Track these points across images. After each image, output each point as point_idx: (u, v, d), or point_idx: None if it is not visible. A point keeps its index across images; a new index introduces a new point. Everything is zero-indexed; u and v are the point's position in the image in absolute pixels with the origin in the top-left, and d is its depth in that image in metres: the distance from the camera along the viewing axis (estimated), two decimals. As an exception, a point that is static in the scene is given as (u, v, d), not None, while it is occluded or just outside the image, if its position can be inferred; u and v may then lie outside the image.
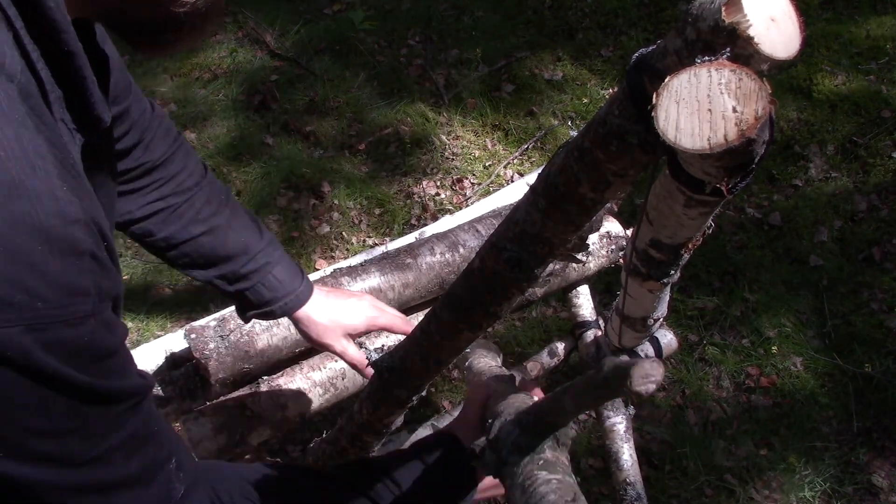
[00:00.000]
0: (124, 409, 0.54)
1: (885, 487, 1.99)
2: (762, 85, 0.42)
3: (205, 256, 1.01)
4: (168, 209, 0.97)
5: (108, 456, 0.53)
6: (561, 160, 0.61)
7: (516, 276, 0.71)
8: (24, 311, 0.45)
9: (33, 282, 0.45)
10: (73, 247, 0.48)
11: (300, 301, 1.06)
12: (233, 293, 1.05)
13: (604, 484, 1.98)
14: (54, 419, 0.48)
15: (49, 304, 0.46)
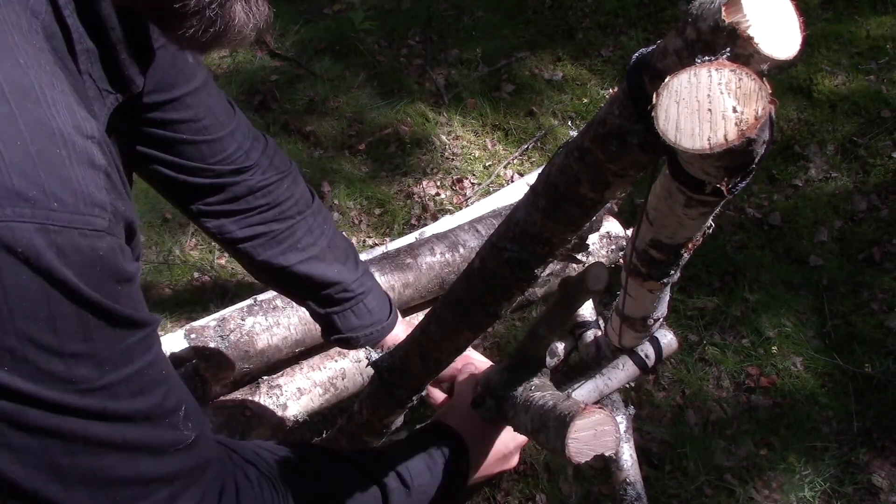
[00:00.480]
0: (134, 342, 0.52)
1: (885, 487, 1.99)
2: (762, 85, 0.42)
3: (300, 283, 1.03)
4: (267, 234, 0.99)
5: (114, 388, 0.51)
6: (561, 160, 0.61)
7: (516, 277, 0.71)
8: (38, 209, 0.43)
9: (50, 181, 0.43)
10: (91, 160, 0.47)
11: (384, 332, 1.09)
12: (323, 316, 1.07)
13: (604, 484, 1.98)
14: (62, 337, 0.46)
15: (65, 208, 0.44)
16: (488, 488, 2.00)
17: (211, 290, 2.46)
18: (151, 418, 0.54)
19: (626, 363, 1.51)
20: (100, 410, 0.50)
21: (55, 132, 0.45)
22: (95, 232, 0.46)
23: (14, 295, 0.43)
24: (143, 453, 0.53)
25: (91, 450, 0.50)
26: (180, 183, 0.92)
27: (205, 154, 0.92)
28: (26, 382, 0.45)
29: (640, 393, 2.19)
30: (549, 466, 2.03)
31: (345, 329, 1.07)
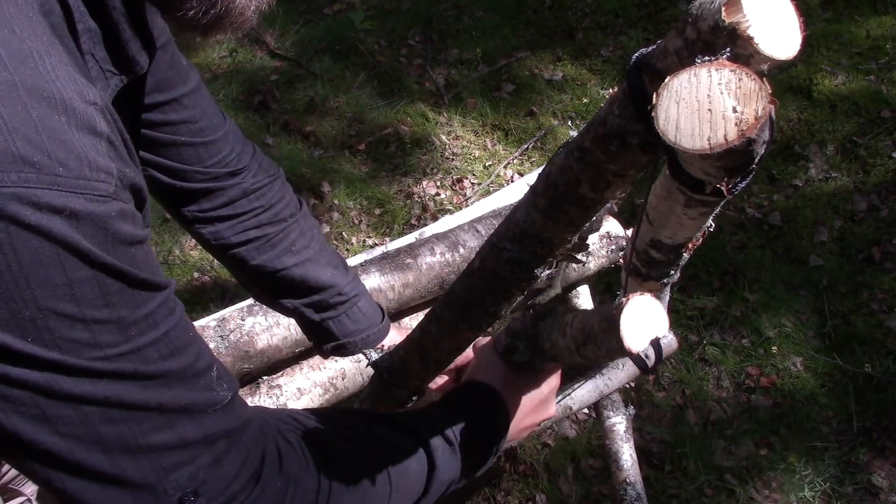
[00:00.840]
0: (156, 305, 0.51)
1: (885, 487, 1.99)
2: (762, 85, 0.42)
3: (295, 287, 1.03)
4: (262, 238, 1.00)
5: (143, 351, 0.50)
6: (561, 160, 0.61)
7: (516, 277, 0.71)
8: (44, 174, 0.42)
9: (53, 146, 0.43)
10: (92, 126, 0.46)
11: (381, 335, 1.09)
12: (318, 322, 1.06)
13: (604, 484, 1.98)
14: (82, 304, 0.45)
15: (70, 172, 0.43)
16: (488, 488, 2.00)
17: (211, 290, 2.46)
18: (185, 379, 0.53)
19: (626, 363, 1.51)
20: (132, 373, 0.49)
21: (55, 98, 0.44)
22: (101, 197, 0.46)
23: (28, 263, 0.42)
24: (181, 416, 0.52)
25: (129, 415, 0.49)
26: (177, 189, 0.93)
27: (202, 156, 0.93)
28: (51, 351, 0.45)
29: (640, 393, 2.19)
30: (549, 466, 2.03)
31: (341, 334, 1.07)
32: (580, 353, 0.71)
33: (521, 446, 2.01)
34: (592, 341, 0.68)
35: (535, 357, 0.83)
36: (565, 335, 0.73)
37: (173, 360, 0.52)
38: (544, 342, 0.76)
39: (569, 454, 2.06)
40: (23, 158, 0.41)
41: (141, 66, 0.62)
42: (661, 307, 0.62)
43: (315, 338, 1.10)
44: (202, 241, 1.01)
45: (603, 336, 0.65)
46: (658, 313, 0.63)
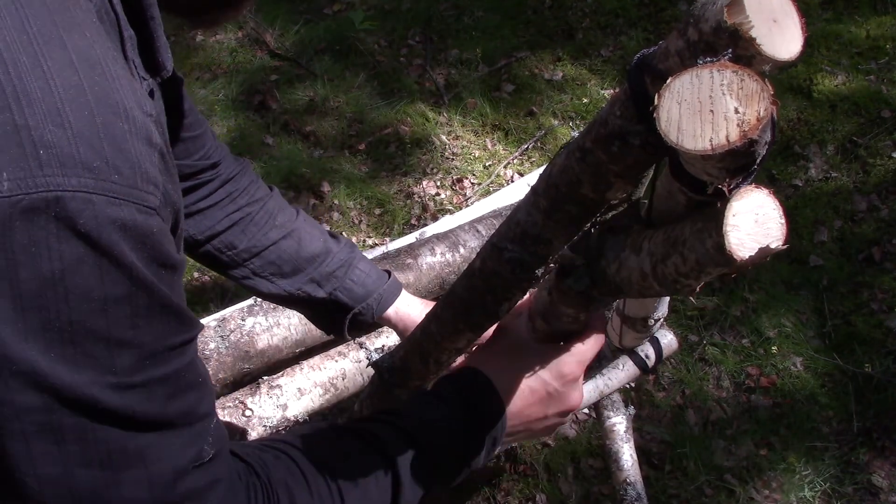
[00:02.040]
0: (178, 340, 0.50)
1: (885, 487, 1.99)
2: (764, 86, 0.42)
3: (290, 261, 1.01)
4: (246, 218, 0.99)
5: (150, 387, 0.48)
6: (562, 161, 0.61)
7: (517, 277, 0.71)
8: (101, 180, 0.41)
9: (112, 153, 0.43)
10: (149, 137, 0.46)
11: (394, 293, 1.03)
12: (326, 298, 1.02)
13: (604, 484, 1.98)
14: (111, 321, 0.44)
15: (125, 181, 0.43)
16: (488, 488, 2.00)
17: (211, 290, 2.46)
18: (176, 426, 0.51)
19: (626, 363, 1.51)
20: (129, 412, 0.47)
21: (119, 106, 0.44)
22: (149, 209, 0.45)
23: (70, 271, 0.41)
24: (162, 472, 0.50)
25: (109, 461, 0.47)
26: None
27: (190, 150, 0.93)
28: (67, 368, 0.43)
29: (640, 393, 2.19)
30: (549, 466, 2.03)
31: (353, 302, 1.02)
32: (656, 272, 0.57)
33: (521, 446, 2.01)
34: (678, 250, 0.53)
35: (593, 286, 0.68)
36: (640, 250, 0.59)
37: (176, 403, 0.50)
38: (610, 263, 0.63)
39: (569, 454, 2.06)
40: (83, 163, 0.41)
41: (167, 70, 0.63)
42: (780, 213, 0.48)
43: (329, 321, 1.06)
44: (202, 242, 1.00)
45: (695, 238, 0.51)
46: (774, 221, 0.48)
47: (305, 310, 1.08)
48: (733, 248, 0.47)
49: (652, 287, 0.58)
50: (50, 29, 0.43)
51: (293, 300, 1.04)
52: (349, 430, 0.71)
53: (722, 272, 0.50)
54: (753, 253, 0.47)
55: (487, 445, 0.75)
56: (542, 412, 0.78)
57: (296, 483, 0.63)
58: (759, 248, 0.47)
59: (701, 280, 0.52)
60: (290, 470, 0.64)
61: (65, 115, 0.41)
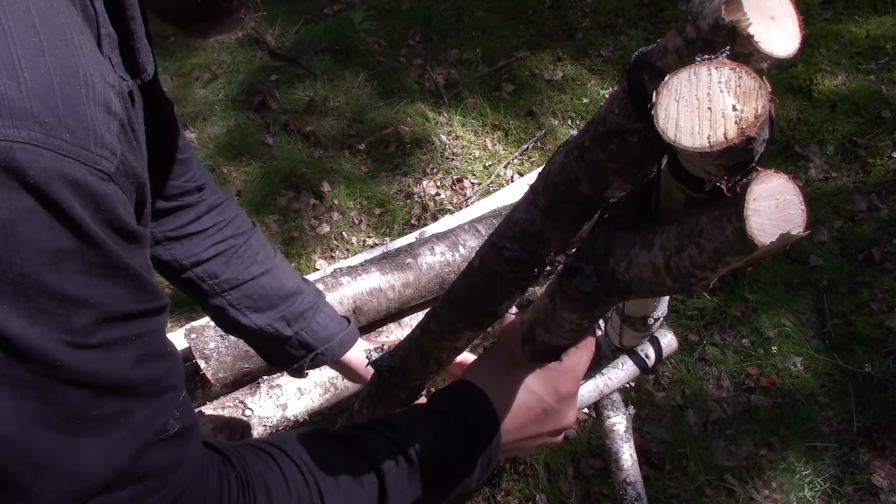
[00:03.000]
0: (139, 308, 0.49)
1: (885, 487, 1.99)
2: (762, 83, 0.42)
3: (266, 297, 1.05)
4: (230, 250, 1.03)
5: (110, 349, 0.47)
6: (561, 159, 0.61)
7: (516, 276, 0.71)
8: (51, 136, 0.42)
9: (65, 112, 0.43)
10: (108, 105, 0.47)
11: (352, 338, 1.10)
12: (291, 337, 1.07)
13: (604, 484, 1.98)
14: (63, 276, 0.44)
15: (76, 140, 0.43)
16: (488, 488, 2.00)
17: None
18: (140, 394, 0.49)
19: (626, 363, 1.51)
20: (90, 372, 0.46)
21: (78, 70, 0.45)
22: (101, 173, 0.45)
23: (21, 222, 0.41)
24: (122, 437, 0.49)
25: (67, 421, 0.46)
26: (157, 209, 0.95)
27: (177, 172, 0.96)
28: (21, 320, 0.43)
29: (640, 393, 2.19)
30: (549, 466, 2.03)
31: (316, 342, 1.08)
32: (670, 267, 0.54)
33: (521, 446, 2.01)
34: (694, 240, 0.51)
35: (601, 286, 0.65)
36: (652, 245, 0.57)
37: (140, 369, 0.49)
38: (620, 261, 0.61)
39: (569, 454, 2.06)
40: (34, 117, 0.41)
41: (147, 73, 0.63)
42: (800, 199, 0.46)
43: (288, 357, 1.10)
44: (165, 264, 1.01)
45: (713, 226, 0.48)
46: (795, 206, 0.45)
47: (266, 345, 1.10)
48: (755, 233, 0.45)
49: (664, 283, 0.56)
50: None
51: (259, 335, 1.07)
52: (336, 436, 0.70)
53: (740, 262, 0.48)
54: (775, 239, 0.45)
55: (482, 465, 0.73)
56: (536, 430, 0.77)
57: (274, 480, 0.61)
58: (781, 234, 0.45)
59: (717, 272, 0.51)
60: (269, 467, 0.62)
61: (20, 70, 0.42)
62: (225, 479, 0.58)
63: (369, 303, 1.50)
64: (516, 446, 0.77)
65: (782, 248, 0.46)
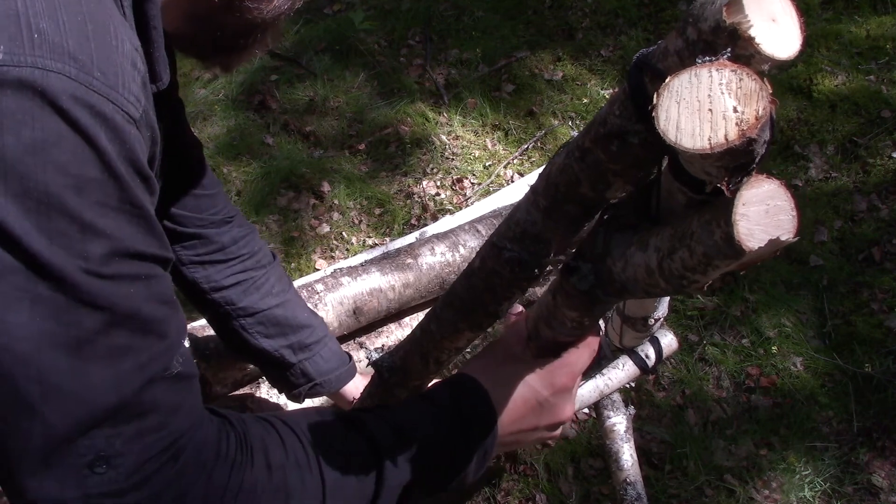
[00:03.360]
0: (149, 252, 0.51)
1: (885, 487, 1.99)
2: (763, 85, 0.42)
3: (277, 326, 1.15)
4: (249, 281, 1.13)
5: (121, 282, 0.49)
6: (561, 160, 0.61)
7: (517, 276, 0.71)
8: (83, 72, 0.45)
9: (99, 56, 0.47)
10: (134, 62, 0.51)
11: (350, 375, 1.21)
12: (294, 364, 1.18)
13: (604, 484, 1.98)
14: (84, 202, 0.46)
15: (107, 81, 0.47)
16: (488, 488, 2.00)
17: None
18: (149, 333, 0.51)
19: (626, 363, 1.51)
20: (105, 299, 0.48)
21: (110, 27, 0.49)
22: (127, 115, 0.48)
23: (52, 143, 0.44)
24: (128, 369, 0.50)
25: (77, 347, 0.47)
26: (175, 231, 1.05)
27: (201, 207, 1.06)
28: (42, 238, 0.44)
29: (640, 393, 2.19)
30: (549, 466, 2.04)
31: (316, 374, 1.18)
32: (662, 269, 0.56)
33: (521, 446, 2.01)
34: (685, 243, 0.52)
35: (598, 285, 0.66)
36: (647, 246, 0.58)
37: (149, 306, 0.51)
38: (616, 261, 0.63)
39: (569, 454, 2.06)
40: (70, 54, 0.45)
41: (163, 82, 0.65)
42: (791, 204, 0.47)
43: (288, 383, 1.20)
44: (189, 284, 1.11)
45: (703, 229, 0.49)
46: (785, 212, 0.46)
47: (269, 368, 1.21)
48: (742, 237, 0.45)
49: (658, 284, 0.57)
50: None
51: (265, 358, 1.18)
52: (336, 414, 0.70)
53: (730, 266, 0.48)
54: (763, 244, 0.45)
55: (478, 456, 0.73)
56: (533, 423, 0.77)
57: (272, 442, 0.62)
58: (770, 239, 0.45)
59: (708, 275, 0.51)
60: (268, 431, 0.63)
61: (60, 14, 0.45)
62: (224, 434, 0.59)
63: (369, 303, 1.50)
64: (513, 440, 0.78)
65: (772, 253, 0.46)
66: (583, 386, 1.52)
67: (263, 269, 1.15)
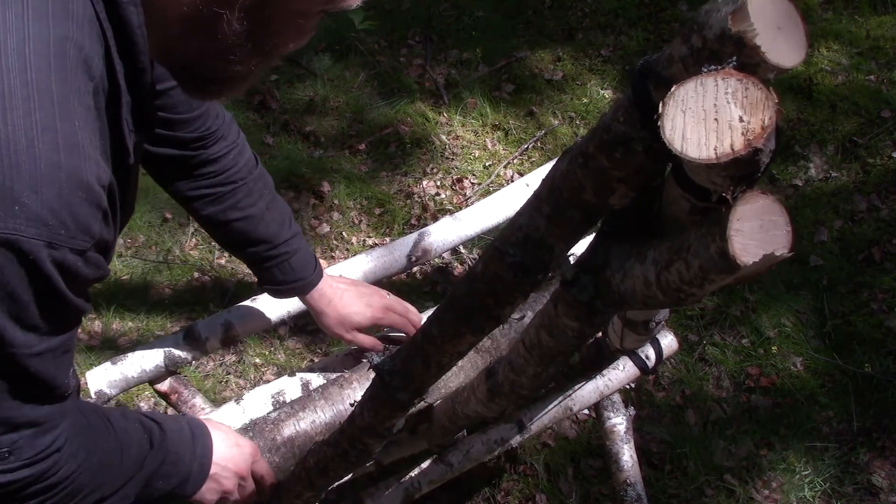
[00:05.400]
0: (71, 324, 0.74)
1: (885, 487, 2.00)
2: (769, 94, 0.42)
3: (237, 239, 1.28)
4: (213, 195, 1.23)
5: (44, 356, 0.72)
6: (565, 165, 0.61)
7: (519, 281, 0.71)
8: (51, 233, 0.63)
9: (66, 217, 0.64)
10: (99, 203, 0.67)
11: (305, 289, 1.33)
12: (257, 270, 1.33)
13: (604, 484, 1.98)
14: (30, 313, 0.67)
15: (69, 234, 0.64)
16: (488, 488, 2.00)
17: (211, 290, 2.46)
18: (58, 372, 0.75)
19: (626, 364, 1.51)
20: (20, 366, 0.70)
21: (83, 182, 0.64)
22: (81, 251, 0.67)
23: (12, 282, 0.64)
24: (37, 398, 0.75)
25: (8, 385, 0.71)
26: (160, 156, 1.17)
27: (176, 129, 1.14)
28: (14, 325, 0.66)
29: (640, 393, 2.19)
30: (549, 466, 2.04)
31: (270, 282, 1.32)
32: (660, 281, 0.56)
33: (521, 446, 2.01)
34: (682, 256, 0.52)
35: (597, 296, 0.68)
36: (645, 258, 0.59)
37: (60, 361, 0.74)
38: (615, 272, 0.64)
39: (569, 454, 2.07)
40: (41, 219, 0.62)
41: (152, 129, 0.83)
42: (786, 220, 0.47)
43: (258, 279, 1.36)
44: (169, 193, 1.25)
45: (699, 243, 0.50)
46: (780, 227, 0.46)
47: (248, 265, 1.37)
48: (737, 252, 0.45)
49: (655, 296, 0.58)
50: (50, 119, 0.62)
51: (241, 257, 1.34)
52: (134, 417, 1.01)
53: (725, 280, 0.49)
54: (758, 259, 0.46)
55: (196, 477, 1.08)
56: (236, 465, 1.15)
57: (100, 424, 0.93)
58: (764, 254, 0.45)
59: (704, 289, 0.52)
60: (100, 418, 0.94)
61: (41, 187, 0.61)
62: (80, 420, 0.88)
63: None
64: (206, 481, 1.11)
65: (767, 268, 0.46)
66: (583, 387, 1.52)
67: (232, 184, 1.23)
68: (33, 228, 0.62)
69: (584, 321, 0.70)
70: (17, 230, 0.61)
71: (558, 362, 0.85)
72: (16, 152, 0.60)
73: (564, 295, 0.69)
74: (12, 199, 0.60)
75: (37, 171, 0.61)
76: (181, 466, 1.05)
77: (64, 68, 0.64)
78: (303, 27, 0.84)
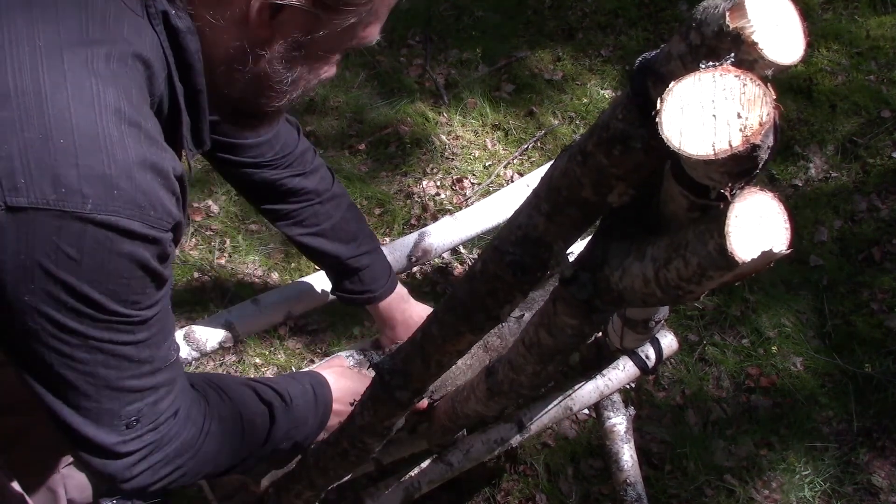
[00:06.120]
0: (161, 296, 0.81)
1: (885, 487, 1.99)
2: (767, 90, 0.42)
3: (304, 251, 1.41)
4: (277, 212, 1.35)
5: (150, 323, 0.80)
6: (564, 164, 0.61)
7: (518, 280, 0.71)
8: (143, 214, 0.71)
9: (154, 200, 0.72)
10: (174, 190, 0.76)
11: (372, 301, 1.43)
12: (328, 276, 1.46)
13: (604, 484, 1.98)
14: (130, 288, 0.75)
15: (157, 215, 0.73)
16: (488, 488, 2.00)
17: (211, 290, 2.46)
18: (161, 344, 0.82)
19: (626, 364, 1.51)
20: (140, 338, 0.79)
21: (162, 169, 0.74)
22: (166, 230, 0.75)
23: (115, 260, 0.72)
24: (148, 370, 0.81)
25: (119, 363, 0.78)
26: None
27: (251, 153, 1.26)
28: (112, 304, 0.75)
29: (640, 393, 2.19)
30: (549, 466, 2.04)
31: (338, 289, 1.43)
32: (659, 278, 0.57)
33: (521, 446, 2.01)
34: (681, 253, 0.52)
35: (596, 294, 0.68)
36: (644, 256, 0.59)
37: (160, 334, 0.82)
38: (614, 270, 0.64)
39: (569, 454, 2.06)
40: (137, 203, 0.71)
41: (207, 145, 0.91)
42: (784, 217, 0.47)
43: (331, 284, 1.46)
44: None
45: (697, 240, 0.50)
46: (778, 224, 0.46)
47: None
48: (735, 249, 0.45)
49: (654, 294, 0.58)
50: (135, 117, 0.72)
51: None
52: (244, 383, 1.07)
53: (724, 277, 0.49)
54: (756, 256, 0.46)
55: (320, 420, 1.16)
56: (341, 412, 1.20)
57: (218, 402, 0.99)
58: (762, 251, 0.45)
59: (703, 286, 0.52)
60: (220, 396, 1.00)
61: (134, 174, 0.70)
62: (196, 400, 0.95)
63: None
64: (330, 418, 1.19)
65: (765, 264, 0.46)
66: (583, 387, 1.52)
67: (297, 203, 1.35)
68: (129, 210, 0.70)
69: (582, 319, 0.70)
70: (116, 211, 0.69)
71: (557, 361, 0.85)
72: (112, 144, 0.69)
73: (563, 293, 0.70)
74: (111, 185, 0.69)
75: (129, 161, 0.70)
76: (305, 429, 1.13)
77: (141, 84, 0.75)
78: (332, 61, 0.90)
